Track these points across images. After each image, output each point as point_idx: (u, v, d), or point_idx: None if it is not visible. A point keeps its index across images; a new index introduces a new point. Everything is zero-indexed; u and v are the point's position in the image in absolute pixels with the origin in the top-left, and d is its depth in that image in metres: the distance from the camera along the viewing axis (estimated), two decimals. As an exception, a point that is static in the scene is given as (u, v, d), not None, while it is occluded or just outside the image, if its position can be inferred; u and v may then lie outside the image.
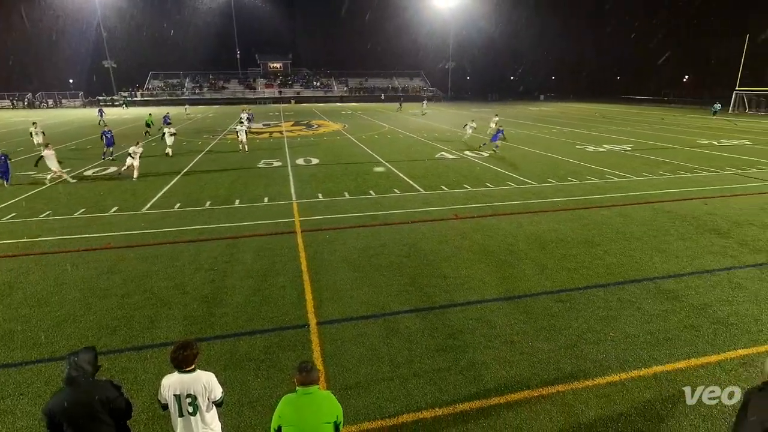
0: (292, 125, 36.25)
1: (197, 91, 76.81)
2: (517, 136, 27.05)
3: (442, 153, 20.93)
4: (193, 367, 3.40)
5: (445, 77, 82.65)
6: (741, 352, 5.62)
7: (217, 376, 3.55)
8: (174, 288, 7.43)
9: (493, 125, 27.01)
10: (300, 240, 9.61)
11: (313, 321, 6.40)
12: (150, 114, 32.98)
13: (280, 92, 77.97)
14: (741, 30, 46.70)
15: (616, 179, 15.13)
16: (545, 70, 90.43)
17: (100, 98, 69.30)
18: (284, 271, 8.01)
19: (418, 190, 13.83)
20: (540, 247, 9.06)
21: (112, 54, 70.00)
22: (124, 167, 16.30)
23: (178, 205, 12.52)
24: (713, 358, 5.50)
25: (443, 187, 14.20)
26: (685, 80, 72.30)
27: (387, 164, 18.20)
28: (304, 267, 8.19)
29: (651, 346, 5.75)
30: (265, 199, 13.00)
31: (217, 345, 5.87)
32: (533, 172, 16.41)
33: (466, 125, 25.84)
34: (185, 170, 17.57)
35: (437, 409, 4.73)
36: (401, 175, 16.10)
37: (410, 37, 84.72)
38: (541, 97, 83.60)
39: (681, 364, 5.40)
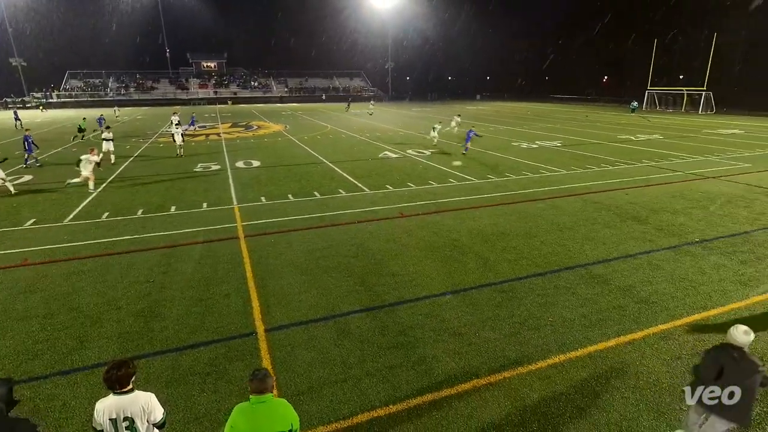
0: (230, 127, 34.92)
1: (123, 91, 71.72)
2: (458, 135, 27.94)
3: (386, 152, 21.12)
4: (130, 387, 3.18)
5: (385, 77, 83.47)
6: (661, 327, 6.19)
7: (158, 395, 3.34)
8: (105, 304, 6.89)
9: (454, 124, 27.74)
10: (243, 245, 9.28)
11: (261, 328, 6.21)
12: (84, 118, 29.94)
13: (215, 92, 74.77)
14: (650, 35, 51.40)
15: (549, 174, 16.09)
16: (481, 71, 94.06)
17: (9, 100, 62.61)
18: (228, 279, 7.70)
19: (364, 190, 13.86)
20: (482, 241, 9.42)
21: (20, 51, 63.48)
22: (80, 179, 14.33)
23: (106, 214, 11.63)
24: (639, 335, 6.01)
25: (388, 186, 14.34)
26: (604, 80, 78.30)
27: (331, 165, 18.06)
28: (248, 273, 7.92)
29: (585, 328, 6.18)
30: (204, 205, 12.42)
31: (157, 361, 5.53)
32: (473, 168, 17.03)
33: (434, 128, 23.05)
34: (112, 177, 16.35)
35: (391, 406, 4.77)
36: (346, 175, 16.05)
37: (350, 36, 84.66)
38: (478, 96, 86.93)
39: (612, 342, 5.85)
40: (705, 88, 44.87)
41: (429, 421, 4.57)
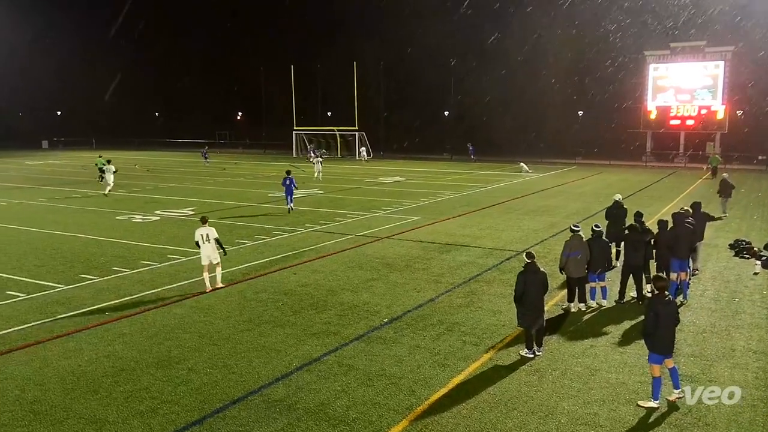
0: None
1: None
2: (11, 209, 25.46)
3: None
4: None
5: None
6: (370, 451, 7.20)
7: None
8: None
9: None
10: None
11: None
12: None
13: None
14: (288, 62, 63.11)
15: (183, 258, 16.67)
16: (45, 105, 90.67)
17: None
18: None
19: None
20: (89, 392, 8.73)
21: None
22: None
23: None
24: (346, 472, 6.76)
25: None
26: (239, 117, 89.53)
27: None
28: None
29: (276, 489, 6.49)
30: None
31: None
32: (54, 267, 15.87)
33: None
34: None
35: None
36: None
37: None
38: (45, 143, 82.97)
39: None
40: (357, 128, 57.94)
41: None
